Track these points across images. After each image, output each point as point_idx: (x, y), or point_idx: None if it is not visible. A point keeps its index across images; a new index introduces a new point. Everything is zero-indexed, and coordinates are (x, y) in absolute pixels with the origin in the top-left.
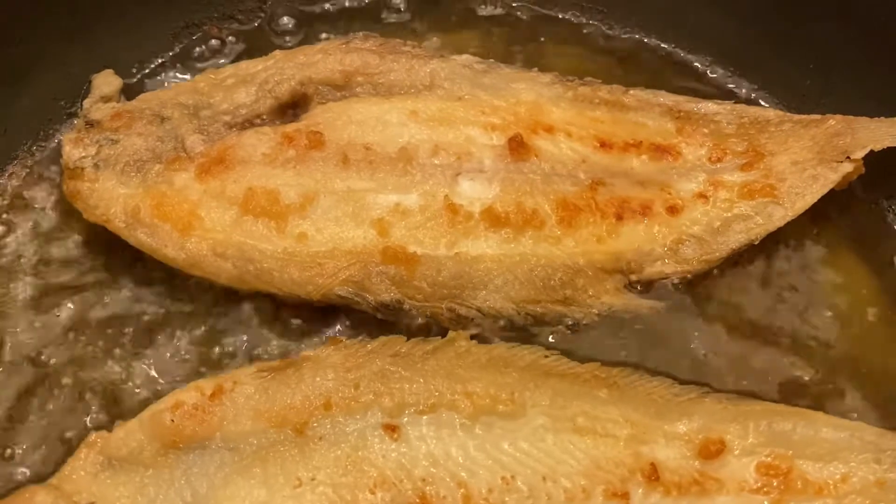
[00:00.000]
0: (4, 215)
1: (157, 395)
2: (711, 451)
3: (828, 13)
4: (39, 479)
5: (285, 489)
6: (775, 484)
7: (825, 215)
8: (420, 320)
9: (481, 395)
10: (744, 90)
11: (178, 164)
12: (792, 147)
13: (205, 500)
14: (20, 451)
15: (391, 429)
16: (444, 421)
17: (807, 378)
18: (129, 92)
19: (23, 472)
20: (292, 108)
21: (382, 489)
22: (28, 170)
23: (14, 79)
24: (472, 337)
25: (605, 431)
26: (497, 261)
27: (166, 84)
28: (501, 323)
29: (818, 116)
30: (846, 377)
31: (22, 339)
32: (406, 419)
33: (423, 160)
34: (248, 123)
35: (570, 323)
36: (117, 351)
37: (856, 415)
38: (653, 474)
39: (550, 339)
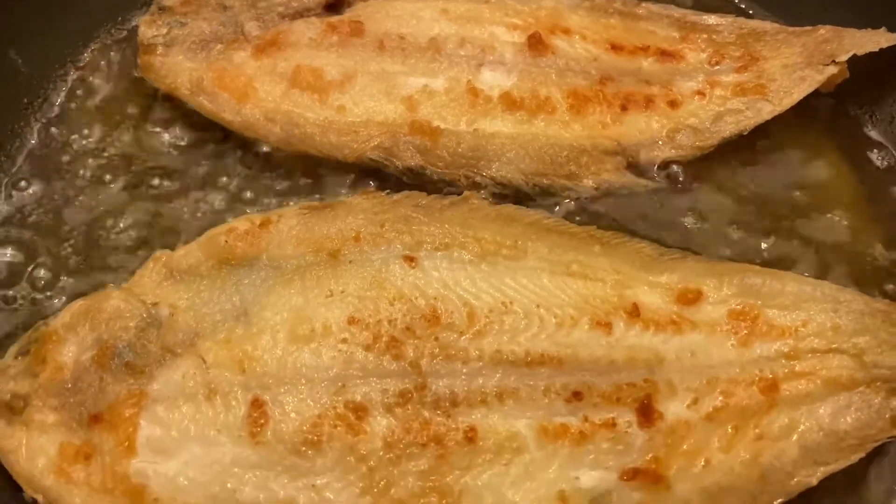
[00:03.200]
0: (88, 83)
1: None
2: (689, 298)
3: None
4: None
5: (319, 298)
6: (743, 326)
7: (813, 119)
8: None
9: (489, 241)
10: (746, 7)
11: (237, 44)
12: (784, 53)
13: (250, 304)
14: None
15: (410, 259)
16: (456, 257)
17: (781, 254)
18: None
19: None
20: (337, 4)
21: (400, 302)
22: (108, 45)
23: None
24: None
25: (595, 276)
26: (511, 138)
27: None
28: (511, 190)
29: (810, 28)
30: (817, 256)
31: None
32: (423, 253)
33: (450, 51)
34: (298, 15)
35: (572, 194)
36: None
37: None
38: (634, 311)
39: (556, 209)
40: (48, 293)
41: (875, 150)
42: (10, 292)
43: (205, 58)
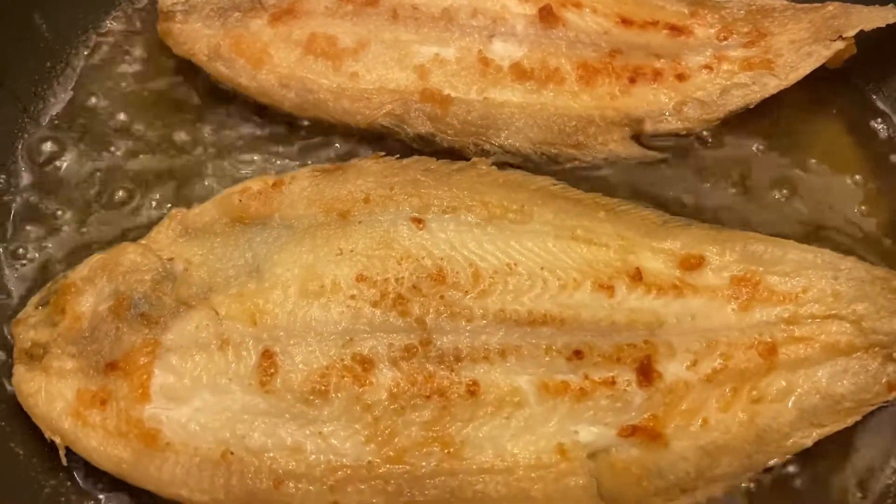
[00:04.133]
0: (109, 48)
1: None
2: (692, 263)
3: None
4: None
5: (329, 256)
6: (744, 292)
7: (820, 94)
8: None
9: (495, 205)
10: None
11: (254, 12)
12: (791, 29)
13: (263, 261)
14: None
15: (417, 221)
16: (462, 220)
17: (783, 222)
18: None
19: None
20: None
21: (407, 262)
22: (128, 13)
23: None
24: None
25: (599, 241)
26: (520, 107)
27: None
28: (519, 158)
29: (818, 4)
30: (819, 225)
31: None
32: (430, 216)
33: (462, 21)
34: None
35: (579, 164)
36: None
37: None
38: (637, 275)
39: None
40: (68, 251)
41: (882, 125)
42: (31, 250)
43: (222, 25)
